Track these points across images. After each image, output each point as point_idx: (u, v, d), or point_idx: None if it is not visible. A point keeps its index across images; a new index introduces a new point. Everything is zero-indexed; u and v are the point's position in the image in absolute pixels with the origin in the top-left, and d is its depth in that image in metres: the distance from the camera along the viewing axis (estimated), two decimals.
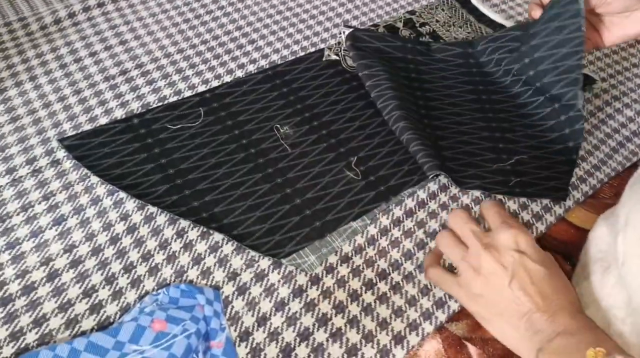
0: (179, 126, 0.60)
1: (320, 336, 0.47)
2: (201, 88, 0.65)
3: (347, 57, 0.69)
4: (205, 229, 0.53)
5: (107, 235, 0.52)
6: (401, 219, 0.56)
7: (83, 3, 0.73)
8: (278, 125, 0.61)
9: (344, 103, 0.64)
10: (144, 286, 0.49)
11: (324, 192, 0.56)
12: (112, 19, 0.73)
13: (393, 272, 0.52)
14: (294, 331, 0.47)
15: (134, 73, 0.66)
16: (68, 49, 0.69)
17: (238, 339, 0.46)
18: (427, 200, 0.58)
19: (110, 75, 0.66)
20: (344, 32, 0.69)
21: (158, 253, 0.51)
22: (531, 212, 0.58)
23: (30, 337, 0.45)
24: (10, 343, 0.44)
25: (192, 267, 0.50)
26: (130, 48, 0.70)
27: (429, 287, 0.52)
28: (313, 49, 0.72)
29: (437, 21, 0.75)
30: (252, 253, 0.52)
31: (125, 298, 0.48)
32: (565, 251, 0.56)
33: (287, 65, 0.68)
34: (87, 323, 0.46)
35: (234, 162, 0.58)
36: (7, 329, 0.45)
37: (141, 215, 0.53)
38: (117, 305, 0.47)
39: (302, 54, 0.71)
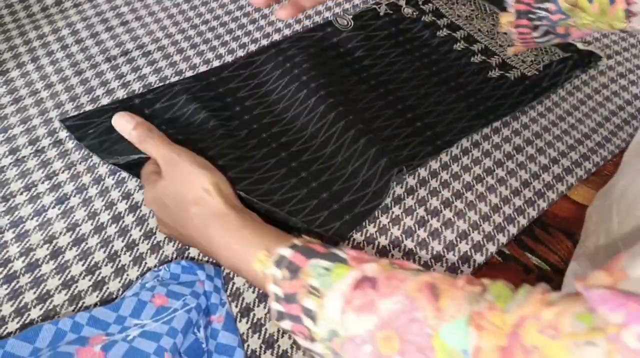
0: (187, 113, 0.59)
1: None
2: (202, 68, 0.65)
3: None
4: None
5: (109, 214, 0.52)
6: (402, 197, 0.56)
7: None
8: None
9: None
10: (146, 263, 0.49)
11: (340, 173, 0.56)
12: (113, 0, 0.73)
13: (393, 249, 0.53)
14: None
15: (135, 54, 0.66)
16: (69, 29, 0.69)
17: (239, 315, 0.47)
18: (428, 178, 0.58)
19: (112, 56, 0.66)
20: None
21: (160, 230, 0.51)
22: (533, 189, 0.58)
23: (35, 313, 0.46)
24: (15, 319, 0.45)
25: None
26: (132, 29, 0.70)
27: (429, 263, 0.52)
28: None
29: None
30: None
31: (127, 275, 0.48)
32: (566, 228, 0.55)
33: (290, 42, 0.68)
34: (90, 299, 0.47)
35: (247, 148, 0.56)
36: (11, 305, 0.46)
37: (143, 194, 0.54)
38: (119, 281, 0.48)
39: (302, 31, 0.70)
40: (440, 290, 0.32)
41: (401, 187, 0.57)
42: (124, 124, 0.49)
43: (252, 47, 0.68)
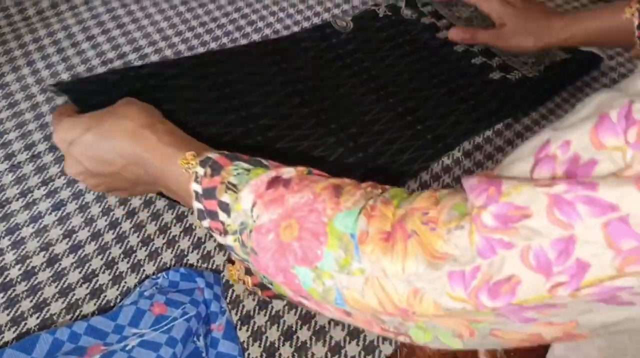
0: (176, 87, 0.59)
1: (322, 319, 0.47)
2: None
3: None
4: None
5: (106, 220, 0.51)
6: None
7: None
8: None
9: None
10: (144, 270, 0.48)
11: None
12: (109, 2, 0.72)
13: None
14: (295, 314, 0.47)
15: (132, 57, 0.66)
16: (65, 33, 0.68)
17: (239, 323, 0.46)
18: (430, 182, 0.57)
19: (108, 59, 0.65)
20: None
21: (158, 237, 0.51)
22: None
23: (32, 322, 0.45)
24: (11, 328, 0.44)
25: (192, 251, 0.50)
26: (128, 31, 0.69)
27: None
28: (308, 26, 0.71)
29: (439, 2, 0.74)
30: None
31: (125, 282, 0.48)
32: None
33: (288, 43, 0.67)
34: (88, 307, 0.46)
35: (231, 136, 0.57)
36: (8, 314, 0.45)
37: (140, 199, 0.53)
38: (117, 289, 0.47)
39: (298, 30, 0.69)
40: (344, 190, 0.35)
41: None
42: None
43: None
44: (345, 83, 0.64)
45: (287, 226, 0.35)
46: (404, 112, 0.62)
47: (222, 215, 0.38)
